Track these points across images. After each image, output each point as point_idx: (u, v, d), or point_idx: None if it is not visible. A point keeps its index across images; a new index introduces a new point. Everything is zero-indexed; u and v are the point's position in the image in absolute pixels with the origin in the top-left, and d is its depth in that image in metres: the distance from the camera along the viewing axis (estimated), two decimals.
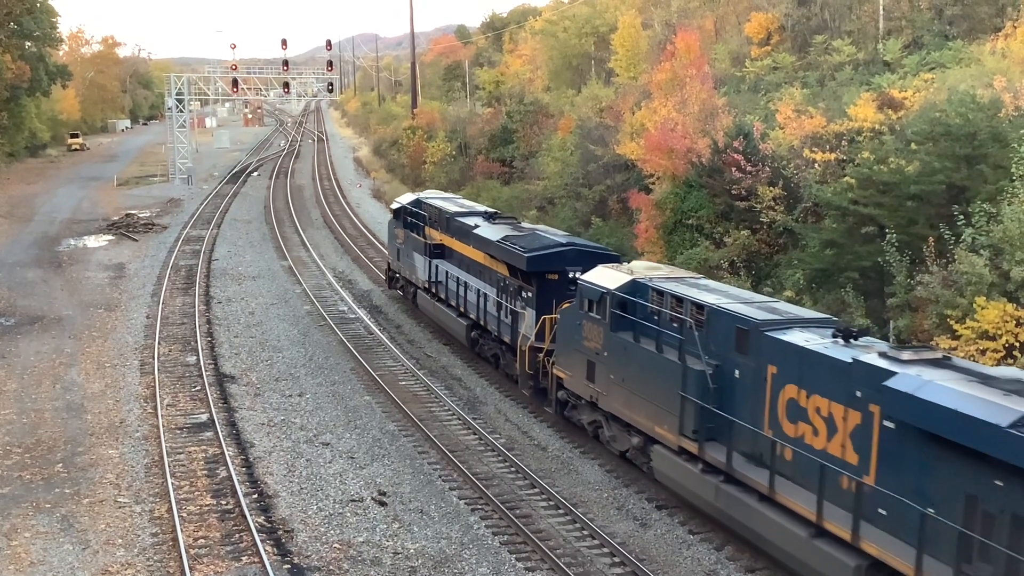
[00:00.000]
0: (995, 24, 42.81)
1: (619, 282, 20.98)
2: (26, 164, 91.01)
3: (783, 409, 16.57)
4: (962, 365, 15.02)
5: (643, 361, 19.78)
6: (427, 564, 17.43)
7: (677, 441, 18.74)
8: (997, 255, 22.54)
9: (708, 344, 18.23)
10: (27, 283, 41.24)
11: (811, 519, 15.45)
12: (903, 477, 14.13)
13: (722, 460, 17.53)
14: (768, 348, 16.86)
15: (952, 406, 13.16)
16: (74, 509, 19.39)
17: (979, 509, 13.02)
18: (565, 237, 27.43)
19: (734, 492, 17.31)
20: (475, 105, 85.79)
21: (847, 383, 15.12)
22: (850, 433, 15.18)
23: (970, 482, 13.14)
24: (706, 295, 19.21)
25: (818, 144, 32.43)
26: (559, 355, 23.45)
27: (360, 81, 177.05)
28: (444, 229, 32.16)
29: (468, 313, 29.74)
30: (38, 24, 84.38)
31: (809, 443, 15.94)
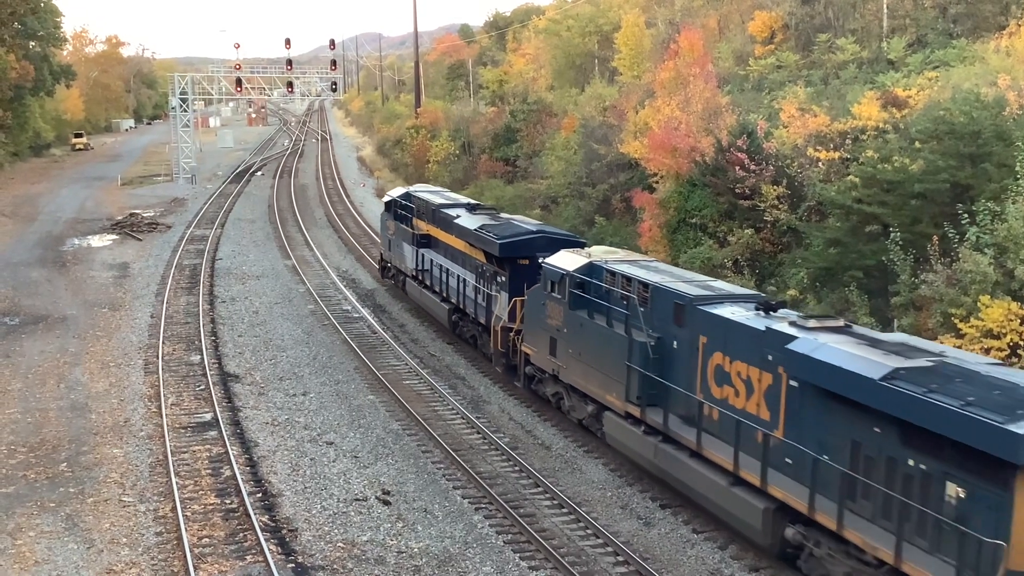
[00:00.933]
0: (999, 22, 42.74)
1: (577, 264, 22.90)
2: (30, 164, 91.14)
3: (711, 374, 18.49)
4: (859, 332, 16.98)
5: (596, 336, 21.70)
6: (431, 563, 17.43)
7: (624, 407, 20.64)
8: (1001, 254, 22.51)
9: (651, 318, 20.16)
10: (31, 282, 41.31)
11: (729, 469, 17.43)
12: (804, 429, 16.02)
13: (660, 422, 19.48)
14: (700, 321, 18.78)
15: (837, 363, 15.07)
16: (78, 508, 19.42)
17: (862, 454, 14.90)
18: (536, 226, 29.17)
19: (670, 450, 19.24)
20: (479, 104, 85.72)
21: (761, 348, 17.00)
22: (763, 393, 17.06)
23: (855, 430, 15.01)
24: (651, 275, 21.12)
25: (822, 143, 32.40)
26: (526, 333, 25.39)
27: (364, 80, 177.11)
28: (430, 220, 33.81)
29: (449, 298, 31.44)
30: (42, 24, 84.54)
31: (732, 403, 17.83)
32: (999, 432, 12.46)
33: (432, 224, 33.61)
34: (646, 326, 20.13)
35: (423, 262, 34.05)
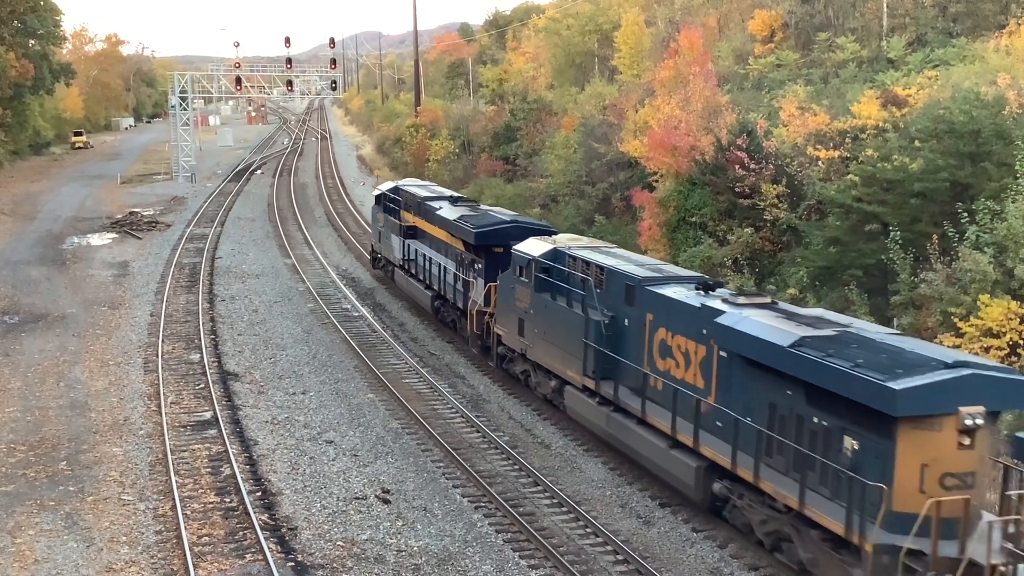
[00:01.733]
0: (999, 21, 42.75)
1: (543, 250, 24.72)
2: (30, 162, 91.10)
3: (656, 348, 20.28)
4: (782, 307, 18.90)
5: (558, 316, 23.52)
6: (431, 562, 17.44)
7: (582, 380, 22.47)
8: (1001, 252, 22.52)
9: (605, 299, 21.98)
10: (31, 281, 41.31)
11: (669, 433, 19.23)
12: (732, 395, 17.80)
13: (611, 393, 21.31)
14: (647, 300, 20.59)
15: (755, 334, 16.89)
16: (78, 507, 19.42)
17: (777, 414, 16.65)
18: (510, 216, 31.02)
19: (619, 418, 21.05)
20: (478, 103, 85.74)
21: (697, 323, 18.77)
22: (699, 363, 18.84)
23: (771, 393, 16.75)
24: (607, 259, 22.86)
25: (822, 142, 32.41)
26: (498, 315, 27.20)
27: (363, 79, 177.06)
28: (416, 212, 35.54)
29: (432, 285, 33.31)
30: (42, 22, 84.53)
31: (673, 374, 19.60)
32: (881, 389, 14.10)
33: (418, 216, 35.24)
34: (601, 306, 21.95)
35: (410, 252, 35.85)
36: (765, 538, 17.19)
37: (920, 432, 14.21)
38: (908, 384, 14.00)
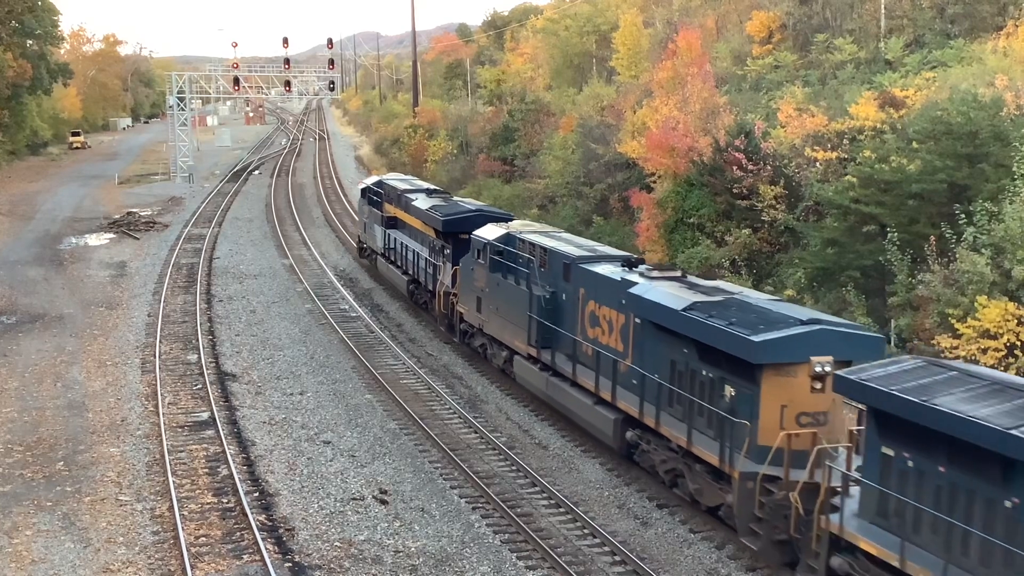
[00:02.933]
0: (997, 23, 42.76)
1: (497, 234, 27.31)
2: (27, 162, 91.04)
3: (587, 319, 22.72)
4: (689, 280, 21.41)
5: (508, 293, 26.08)
6: (428, 563, 17.43)
7: (527, 350, 25.07)
8: (998, 254, 22.54)
9: (547, 276, 24.61)
10: (28, 281, 41.27)
11: (593, 391, 21.83)
12: (644, 356, 20.28)
13: (550, 360, 23.94)
14: (581, 276, 23.12)
15: (657, 300, 19.55)
16: (75, 507, 19.41)
17: (676, 369, 19.17)
18: (476, 206, 33.99)
19: (556, 381, 23.64)
20: (476, 104, 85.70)
21: (618, 295, 21.17)
22: (619, 330, 21.29)
23: (672, 352, 19.31)
24: (550, 241, 25.46)
25: (819, 143, 32.42)
26: (461, 295, 29.66)
27: (361, 79, 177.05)
28: (396, 204, 38.01)
29: (408, 270, 36.08)
30: (39, 22, 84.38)
31: (600, 340, 22.02)
32: (745, 342, 16.72)
33: (398, 207, 37.73)
34: (543, 282, 24.64)
35: (390, 241, 38.47)
36: (665, 475, 19.93)
37: (779, 378, 16.81)
38: (766, 337, 16.67)
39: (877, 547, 14.09)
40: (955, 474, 13.29)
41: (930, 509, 13.48)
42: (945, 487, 13.42)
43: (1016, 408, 12.94)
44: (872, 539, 14.27)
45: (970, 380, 14.11)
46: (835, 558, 14.97)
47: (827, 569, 15.11)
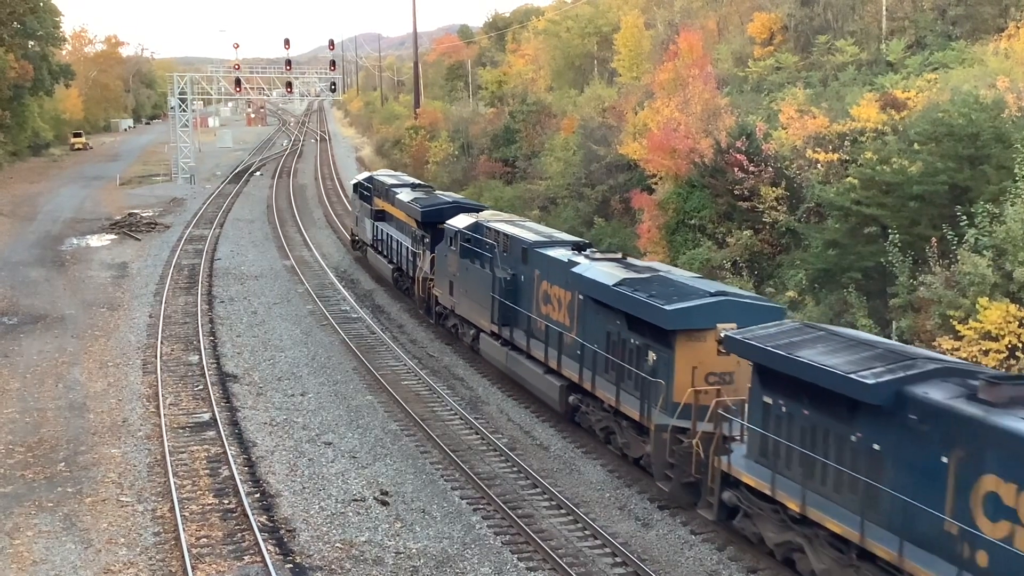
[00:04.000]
0: (998, 24, 42.73)
1: (467, 223, 29.68)
2: (29, 163, 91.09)
3: (541, 298, 25.18)
4: (628, 261, 23.83)
5: (475, 276, 28.50)
6: (429, 564, 17.43)
7: (491, 327, 27.48)
8: (1000, 256, 22.51)
9: (508, 260, 27.00)
10: (30, 282, 41.30)
11: (543, 362, 24.42)
12: (585, 328, 22.62)
13: (509, 336, 26.52)
14: (536, 259, 25.53)
15: (592, 277, 22.07)
16: (76, 508, 19.41)
17: (611, 339, 21.61)
18: (453, 198, 36.62)
19: (514, 355, 26.24)
20: (478, 105, 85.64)
21: (566, 275, 23.56)
22: (567, 306, 23.68)
23: (607, 324, 21.67)
24: (512, 229, 27.79)
25: (821, 144, 32.39)
26: (436, 279, 32.35)
27: (363, 81, 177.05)
28: (384, 198, 40.51)
29: (392, 259, 38.78)
30: (41, 23, 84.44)
31: (551, 316, 24.46)
32: (660, 311, 19.35)
33: (385, 201, 40.25)
34: (504, 266, 27.06)
35: (379, 232, 40.95)
36: (600, 432, 22.52)
37: (690, 342, 19.31)
38: (677, 307, 19.32)
39: (755, 480, 16.78)
40: (815, 416, 15.74)
41: (796, 446, 15.98)
42: (808, 427, 15.89)
43: (862, 359, 15.16)
44: (752, 474, 16.91)
45: (832, 338, 16.49)
46: (726, 492, 17.63)
47: (719, 502, 17.79)
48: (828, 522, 15.06)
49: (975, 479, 13.09)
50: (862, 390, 14.25)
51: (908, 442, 14.05)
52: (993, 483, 12.88)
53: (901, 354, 15.42)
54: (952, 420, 13.42)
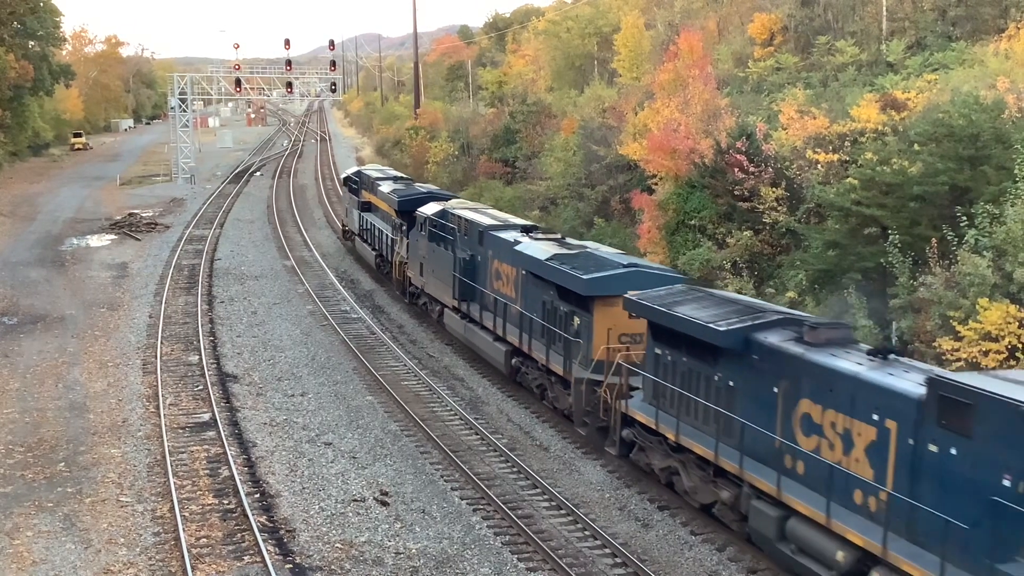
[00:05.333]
0: (999, 25, 42.69)
1: (435, 210, 32.84)
2: (29, 163, 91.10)
3: (493, 274, 28.12)
4: (566, 241, 27.00)
5: (440, 258, 31.75)
6: (429, 564, 17.43)
7: (452, 303, 30.76)
8: (1000, 256, 22.51)
9: (467, 242, 29.93)
10: (30, 282, 41.30)
11: (492, 330, 27.59)
12: (528, 300, 25.58)
13: (467, 310, 29.74)
14: (490, 241, 28.51)
15: (530, 254, 25.26)
16: (76, 508, 19.42)
17: (546, 308, 24.60)
18: (428, 189, 40.06)
19: (471, 326, 29.43)
20: (478, 105, 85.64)
21: (512, 254, 26.49)
22: (513, 281, 26.73)
23: (543, 294, 24.78)
24: (473, 214, 30.86)
25: (821, 145, 32.35)
26: (409, 262, 35.81)
27: (363, 81, 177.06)
28: (369, 190, 43.80)
29: (375, 246, 42.16)
30: (41, 23, 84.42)
31: (501, 291, 27.49)
32: (579, 280, 22.47)
33: (371, 193, 43.38)
34: (464, 247, 30.01)
35: (364, 223, 44.36)
36: (536, 389, 25.73)
37: (606, 308, 22.20)
38: (594, 276, 22.44)
39: (645, 418, 20.03)
40: (691, 361, 18.94)
41: (676, 388, 19.17)
42: (685, 371, 19.12)
43: (724, 312, 18.37)
44: (644, 413, 20.12)
45: (708, 298, 19.76)
46: (625, 431, 20.93)
47: (620, 439, 21.08)
48: (695, 447, 18.46)
49: (795, 404, 16.33)
50: (718, 336, 17.46)
51: (752, 378, 17.29)
52: (807, 406, 16.09)
53: (755, 308, 18.68)
54: (781, 358, 16.60)
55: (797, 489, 15.94)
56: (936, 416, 13.62)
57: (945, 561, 13.03)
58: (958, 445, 13.33)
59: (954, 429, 13.37)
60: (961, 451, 13.29)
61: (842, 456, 15.28)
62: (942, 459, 13.55)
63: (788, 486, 16.10)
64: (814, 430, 15.85)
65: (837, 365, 15.53)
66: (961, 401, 13.27)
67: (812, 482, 15.71)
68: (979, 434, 13.01)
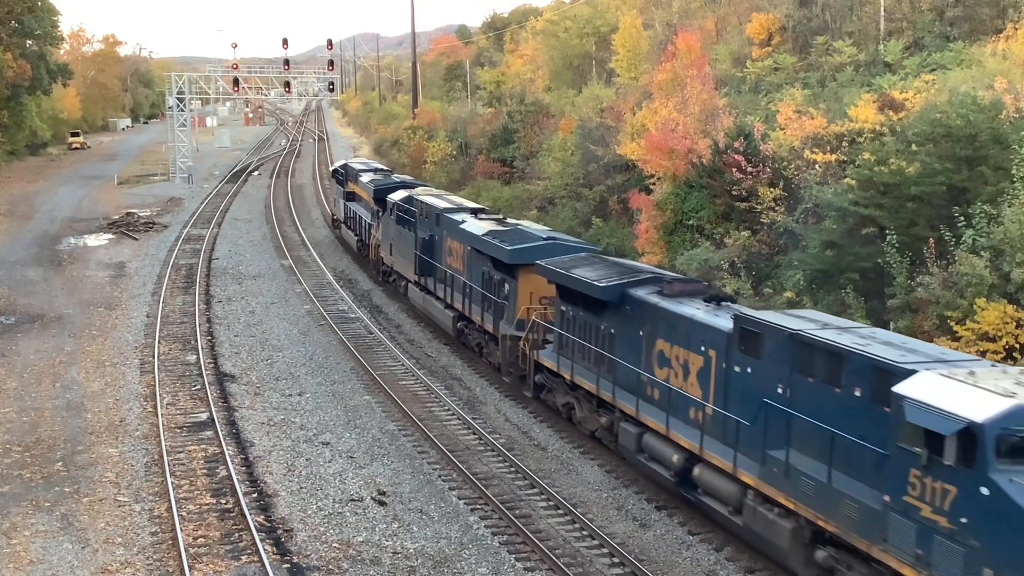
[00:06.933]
0: (996, 26, 42.70)
1: (402, 196, 36.82)
2: (27, 163, 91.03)
3: (447, 252, 31.66)
4: (507, 220, 30.85)
5: (405, 238, 35.71)
6: (426, 564, 17.43)
7: (414, 278, 34.63)
8: (997, 257, 22.51)
9: (426, 224, 33.48)
10: (27, 282, 41.26)
11: (443, 298, 31.62)
12: (472, 271, 29.13)
13: (425, 284, 33.60)
14: (445, 222, 31.88)
15: (471, 231, 29.15)
16: (74, 508, 19.40)
17: (484, 278, 28.10)
18: (402, 179, 44.33)
19: (428, 298, 33.33)
20: (476, 105, 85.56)
21: (462, 235, 29.96)
22: (461, 257, 30.10)
23: (482, 266, 28.18)
24: (433, 200, 34.51)
25: (819, 145, 32.36)
26: (381, 244, 40.20)
27: (361, 81, 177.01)
28: (354, 181, 47.45)
29: (357, 232, 46.40)
30: (39, 23, 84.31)
31: (453, 266, 30.91)
32: (504, 251, 26.28)
33: (355, 184, 46.89)
34: (424, 229, 33.59)
35: (349, 211, 48.49)
36: (476, 348, 29.49)
37: (528, 274, 25.55)
38: (516, 247, 26.12)
39: (551, 363, 24.04)
40: (586, 315, 22.54)
41: (574, 337, 22.91)
42: (581, 323, 22.73)
43: (610, 273, 22.14)
44: (550, 360, 24.11)
45: (602, 263, 23.68)
46: (538, 375, 25.06)
47: (534, 383, 25.27)
48: (584, 384, 22.43)
49: (653, 343, 20.18)
50: (601, 291, 21.32)
51: (626, 324, 21.17)
52: (661, 344, 19.95)
53: (635, 270, 22.76)
54: (645, 307, 20.53)
55: (651, 411, 19.89)
56: (738, 344, 17.48)
57: (737, 452, 17.08)
58: (752, 365, 17.15)
59: (750, 353, 17.20)
60: (754, 369, 17.10)
61: (683, 382, 19.14)
62: (742, 377, 17.40)
63: (645, 408, 20.12)
64: (665, 363, 19.81)
65: (681, 310, 19.50)
66: (753, 331, 17.14)
67: (662, 404, 19.60)
68: (765, 355, 16.80)
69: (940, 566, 12.97)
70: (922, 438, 13.18)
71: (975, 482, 12.58)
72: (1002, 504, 12.30)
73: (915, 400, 13.39)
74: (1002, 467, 12.45)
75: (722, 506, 17.72)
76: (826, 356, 15.40)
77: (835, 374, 15.18)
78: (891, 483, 13.80)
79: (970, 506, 12.64)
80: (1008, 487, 12.28)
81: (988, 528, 12.45)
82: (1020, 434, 12.54)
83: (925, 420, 13.12)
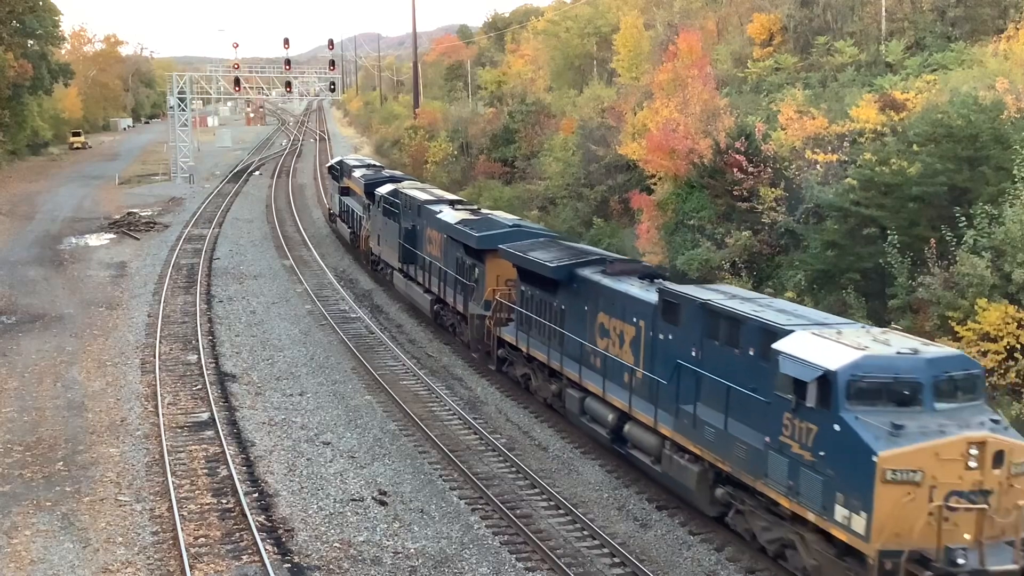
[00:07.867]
0: (998, 26, 42.70)
1: (388, 190, 38.94)
2: (28, 162, 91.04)
3: (427, 241, 33.75)
4: (481, 211, 33.10)
5: (391, 229, 37.89)
6: (427, 564, 17.43)
7: (398, 266, 36.83)
8: (999, 257, 22.52)
9: (410, 215, 35.65)
10: (28, 281, 41.27)
11: (423, 283, 34.00)
12: (447, 258, 31.18)
13: (407, 271, 35.84)
14: (425, 214, 34.06)
15: (447, 220, 31.21)
16: (75, 507, 19.41)
17: (458, 263, 30.09)
18: (390, 174, 47.21)
19: (410, 284, 35.57)
20: (477, 105, 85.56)
21: (439, 224, 32.06)
22: (439, 245, 32.13)
23: (456, 252, 30.26)
24: (416, 192, 37.06)
25: (820, 145, 32.35)
26: (370, 234, 42.56)
27: (362, 81, 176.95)
28: (348, 177, 49.92)
29: (349, 223, 48.56)
30: (40, 22, 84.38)
31: (432, 253, 33.01)
32: (473, 237, 28.33)
33: (349, 179, 49.55)
34: (407, 219, 35.74)
35: (343, 205, 50.55)
36: (450, 329, 31.79)
37: (495, 259, 27.47)
38: (483, 234, 28.18)
39: (511, 338, 26.38)
40: (542, 293, 24.67)
41: (531, 314, 25.14)
42: (537, 301, 24.96)
43: (562, 255, 24.37)
44: (511, 335, 26.37)
45: (557, 246, 26.04)
46: (500, 350, 27.47)
47: (497, 357, 27.68)
48: (539, 356, 24.77)
49: (596, 316, 22.35)
50: (552, 271, 23.55)
51: (574, 301, 23.35)
52: (603, 317, 22.07)
53: (585, 252, 24.93)
54: (590, 285, 22.72)
55: (592, 377, 22.16)
56: (662, 314, 19.74)
57: (657, 408, 19.46)
58: (672, 332, 19.38)
59: (670, 321, 19.46)
60: (674, 336, 19.29)
61: (618, 351, 21.31)
62: (664, 343, 19.62)
63: (587, 375, 22.38)
64: (605, 334, 21.99)
65: (618, 287, 21.72)
66: (673, 302, 19.46)
67: (601, 371, 21.84)
68: (682, 323, 19.03)
69: (805, 494, 15.40)
70: (791, 385, 15.52)
71: (830, 420, 14.95)
72: (849, 438, 14.61)
73: (787, 353, 15.77)
74: (851, 407, 14.77)
75: (646, 457, 20.17)
76: (728, 322, 17.73)
77: (734, 337, 17.52)
78: (770, 426, 16.17)
79: (826, 441, 15.00)
80: (854, 423, 14.61)
81: (839, 459, 14.82)
82: (867, 379, 14.86)
83: (794, 370, 15.48)
